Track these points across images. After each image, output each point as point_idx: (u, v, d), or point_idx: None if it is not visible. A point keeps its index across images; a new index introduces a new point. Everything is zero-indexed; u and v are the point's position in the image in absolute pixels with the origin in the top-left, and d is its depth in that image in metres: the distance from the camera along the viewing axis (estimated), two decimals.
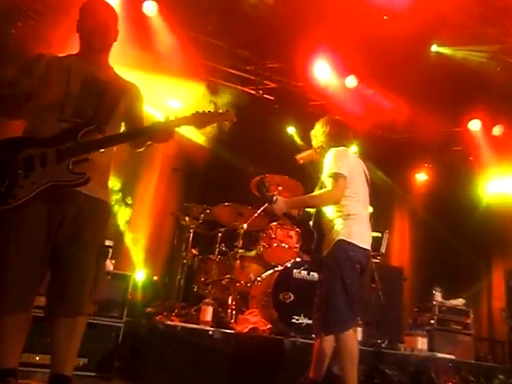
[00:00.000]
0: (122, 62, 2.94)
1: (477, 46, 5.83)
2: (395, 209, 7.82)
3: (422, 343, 4.78)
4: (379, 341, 4.52)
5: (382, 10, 5.42)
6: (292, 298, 4.27)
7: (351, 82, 6.46)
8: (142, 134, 2.35)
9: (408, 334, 4.95)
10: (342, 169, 2.94)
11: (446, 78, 6.01)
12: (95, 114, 2.22)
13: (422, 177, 7.86)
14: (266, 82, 6.77)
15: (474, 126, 6.94)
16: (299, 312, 4.19)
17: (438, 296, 5.62)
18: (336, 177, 2.92)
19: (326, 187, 2.98)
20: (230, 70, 6.56)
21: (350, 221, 2.97)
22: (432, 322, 5.43)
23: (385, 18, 5.51)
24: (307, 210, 3.25)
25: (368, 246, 3.04)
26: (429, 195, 7.62)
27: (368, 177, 3.29)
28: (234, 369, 3.54)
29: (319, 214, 3.12)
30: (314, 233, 3.09)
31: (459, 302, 5.76)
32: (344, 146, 3.22)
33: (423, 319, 5.57)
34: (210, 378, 3.44)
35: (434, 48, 5.82)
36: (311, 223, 3.13)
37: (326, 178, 2.98)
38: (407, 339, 4.87)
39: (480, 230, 7.13)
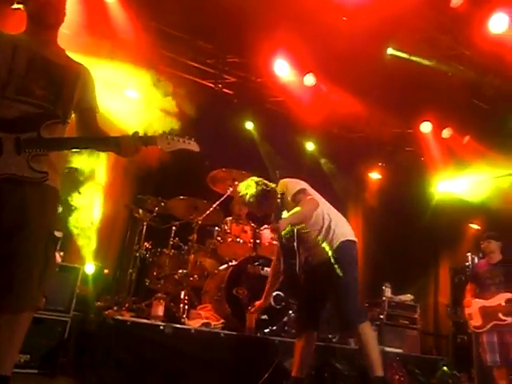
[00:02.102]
0: (75, 47, 2.83)
1: (430, 50, 6.03)
2: (349, 206, 7.97)
3: None
4: (330, 336, 4.59)
5: (342, 10, 5.51)
6: (245, 293, 4.27)
7: (309, 79, 6.53)
8: (108, 145, 2.25)
9: None
10: (301, 185, 3.29)
11: (400, 80, 6.19)
12: (53, 99, 2.12)
13: (375, 176, 8.07)
14: (225, 76, 6.74)
15: (425, 128, 7.20)
16: (252, 307, 4.19)
17: (387, 292, 5.79)
18: (303, 190, 3.24)
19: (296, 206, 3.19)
20: (190, 63, 6.48)
21: (339, 221, 3.29)
22: (381, 317, 5.58)
23: (344, 19, 5.60)
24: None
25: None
26: (382, 193, 7.83)
27: None
28: (185, 365, 3.49)
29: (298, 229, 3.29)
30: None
31: (407, 297, 5.95)
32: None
33: (373, 314, 5.70)
34: (159, 375, 3.38)
35: (390, 51, 5.96)
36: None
37: (294, 197, 3.22)
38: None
39: (429, 229, 7.40)
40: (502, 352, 4.53)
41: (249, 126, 7.20)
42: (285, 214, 3.31)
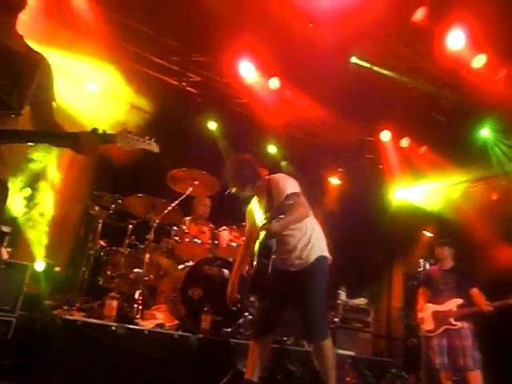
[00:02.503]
0: (32, 34, 2.70)
1: (392, 62, 6.19)
2: None
3: None
4: (285, 338, 4.62)
5: (308, 17, 5.56)
6: (201, 295, 4.23)
7: (274, 83, 6.56)
8: (65, 140, 2.16)
9: None
10: (298, 188, 3.25)
11: (363, 89, 6.30)
12: (9, 89, 2.01)
13: (335, 181, 8.19)
14: (190, 74, 6.66)
15: (385, 136, 7.39)
16: (208, 308, 4.16)
17: (342, 295, 5.90)
18: (298, 194, 3.19)
19: (287, 208, 3.13)
20: (154, 59, 6.37)
21: (320, 236, 3.32)
22: (336, 320, 5.68)
23: (310, 25, 5.65)
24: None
25: None
26: (341, 199, 7.96)
27: None
28: (138, 366, 3.42)
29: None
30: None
31: (361, 301, 6.08)
32: None
33: (328, 317, 5.79)
34: (111, 377, 3.29)
35: (354, 60, 6.07)
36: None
37: (289, 196, 3.14)
38: None
39: (385, 235, 7.59)
40: (450, 355, 4.69)
41: (212, 126, 7.15)
42: (256, 204, 3.35)
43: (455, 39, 5.52)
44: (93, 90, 5.95)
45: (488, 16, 5.00)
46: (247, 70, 6.37)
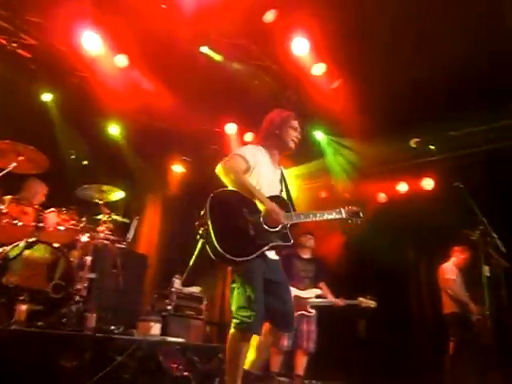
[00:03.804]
0: None
1: (241, 57, 6.35)
2: (149, 197, 7.87)
3: (155, 329, 4.87)
4: (113, 327, 4.42)
5: None
6: (18, 282, 3.79)
7: (121, 60, 6.18)
8: None
9: (142, 320, 4.97)
10: None
11: (212, 79, 6.36)
12: None
13: (179, 169, 8.14)
14: (23, 35, 5.87)
15: (231, 129, 7.58)
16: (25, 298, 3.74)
17: (177, 283, 5.87)
18: None
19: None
20: None
21: None
22: (169, 308, 5.65)
23: (163, 6, 5.47)
24: None
25: None
26: (184, 187, 7.94)
27: None
28: None
29: None
30: None
31: (196, 289, 6.15)
32: None
33: (161, 305, 5.73)
34: None
35: (204, 49, 6.06)
36: None
37: None
38: (141, 325, 4.89)
39: None
40: (295, 338, 5.02)
41: (46, 97, 6.46)
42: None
43: (299, 45, 5.88)
44: None
45: (330, 28, 5.46)
46: (91, 42, 5.81)
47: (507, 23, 4.99)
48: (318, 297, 5.22)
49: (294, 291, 5.06)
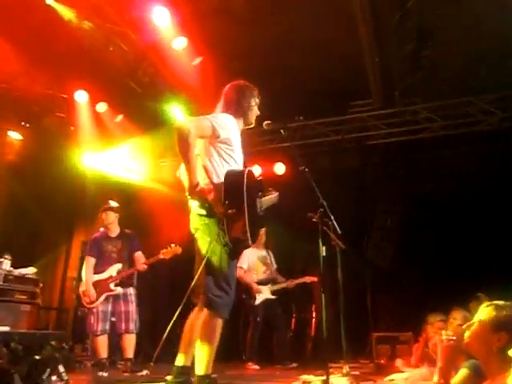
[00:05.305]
0: None
1: (95, 17, 5.78)
2: None
3: None
4: None
5: None
6: None
7: None
8: None
9: None
10: None
11: (62, 40, 5.73)
12: None
13: (16, 135, 7.17)
14: None
15: (81, 97, 6.91)
16: None
17: (6, 264, 5.19)
18: None
19: None
20: None
21: None
22: None
23: None
24: None
25: None
26: (20, 156, 7.05)
27: None
28: None
29: None
30: None
31: (30, 270, 5.52)
32: None
33: None
34: None
35: (51, 2, 5.36)
36: None
37: None
38: None
39: (66, 201, 7.16)
40: (112, 320, 4.78)
41: None
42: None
43: (160, 15, 5.57)
44: None
45: (193, 3, 5.26)
46: None
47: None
48: (119, 272, 4.95)
49: (93, 277, 4.86)
